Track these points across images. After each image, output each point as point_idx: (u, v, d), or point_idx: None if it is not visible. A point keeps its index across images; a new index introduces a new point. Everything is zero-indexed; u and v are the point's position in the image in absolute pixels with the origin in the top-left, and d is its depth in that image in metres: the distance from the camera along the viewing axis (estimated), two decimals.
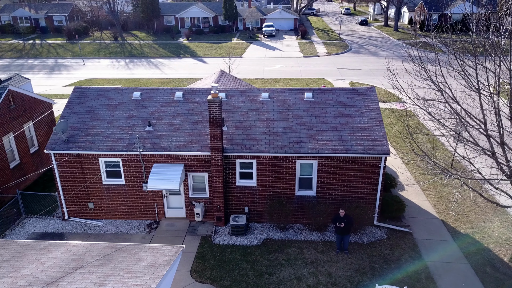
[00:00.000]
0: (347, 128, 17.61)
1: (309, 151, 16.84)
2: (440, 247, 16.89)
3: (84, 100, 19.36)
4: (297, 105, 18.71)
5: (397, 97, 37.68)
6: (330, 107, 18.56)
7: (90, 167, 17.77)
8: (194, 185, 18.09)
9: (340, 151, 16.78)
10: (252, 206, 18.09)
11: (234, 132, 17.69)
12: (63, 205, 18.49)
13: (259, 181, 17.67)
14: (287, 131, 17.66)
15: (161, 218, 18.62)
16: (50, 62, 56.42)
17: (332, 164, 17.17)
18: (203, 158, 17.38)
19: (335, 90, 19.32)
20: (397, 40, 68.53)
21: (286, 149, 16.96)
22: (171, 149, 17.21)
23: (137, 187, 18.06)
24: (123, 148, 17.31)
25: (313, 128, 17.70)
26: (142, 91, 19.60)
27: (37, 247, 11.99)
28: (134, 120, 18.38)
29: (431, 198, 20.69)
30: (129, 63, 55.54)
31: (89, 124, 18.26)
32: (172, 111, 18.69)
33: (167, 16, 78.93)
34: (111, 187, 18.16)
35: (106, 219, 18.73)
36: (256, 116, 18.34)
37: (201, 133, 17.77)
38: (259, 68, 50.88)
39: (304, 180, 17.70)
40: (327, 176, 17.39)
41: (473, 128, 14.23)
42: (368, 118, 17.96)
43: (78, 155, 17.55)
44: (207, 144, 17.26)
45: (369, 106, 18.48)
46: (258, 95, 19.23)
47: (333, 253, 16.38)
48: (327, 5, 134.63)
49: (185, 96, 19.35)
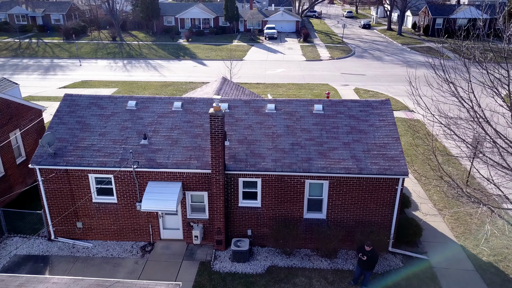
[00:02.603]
0: (360, 145, 16.12)
1: (319, 170, 15.33)
2: (461, 277, 15.40)
3: (74, 109, 17.82)
4: (305, 118, 17.21)
5: (404, 105, 36.25)
6: (341, 121, 17.06)
7: (79, 183, 16.24)
8: (192, 205, 16.57)
9: (354, 171, 15.28)
10: (255, 228, 16.57)
11: (237, 148, 16.18)
12: (49, 224, 16.95)
13: (264, 201, 16.16)
14: (295, 147, 16.15)
15: (156, 239, 17.08)
16: (45, 62, 54.81)
17: (344, 184, 15.67)
18: (203, 176, 15.86)
19: (347, 102, 17.83)
20: (401, 44, 67.16)
21: (294, 168, 15.46)
22: (168, 166, 15.68)
23: (130, 206, 16.53)
24: (115, 163, 15.78)
25: (323, 144, 16.21)
26: (137, 100, 18.07)
27: (12, 285, 10.44)
28: (128, 132, 16.86)
29: (447, 219, 19.22)
30: (127, 64, 53.98)
31: (79, 136, 16.72)
32: (169, 123, 17.18)
33: (167, 16, 77.36)
34: (102, 206, 16.62)
35: (96, 240, 17.17)
36: (261, 130, 16.84)
37: (201, 148, 16.26)
38: (261, 72, 49.40)
39: (313, 202, 16.20)
40: (338, 197, 15.89)
41: (505, 151, 12.73)
42: (384, 134, 16.47)
43: (66, 170, 16.01)
44: (208, 161, 15.74)
45: (384, 120, 16.99)
46: (263, 107, 17.73)
47: (345, 284, 14.86)
48: (329, 7, 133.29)
49: (184, 106, 17.83)
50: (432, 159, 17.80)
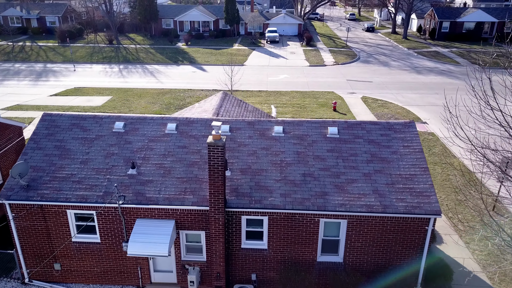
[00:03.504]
0: (383, 177, 13.87)
1: (337, 208, 13.08)
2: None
3: (53, 132, 15.57)
4: (318, 143, 14.97)
5: (416, 116, 34.02)
6: (360, 147, 14.82)
7: (56, 220, 13.97)
8: (187, 245, 14.31)
9: (377, 209, 13.03)
10: (261, 273, 14.31)
11: (240, 179, 13.93)
12: (22, 265, 14.68)
13: (271, 242, 13.90)
14: (308, 178, 13.90)
15: (145, 283, 14.80)
16: (38, 67, 52.52)
17: (365, 224, 13.42)
18: (200, 213, 13.61)
19: (365, 124, 15.58)
20: (407, 49, 64.90)
21: (307, 205, 13.20)
22: (159, 202, 13.43)
23: (115, 246, 14.27)
24: (98, 198, 13.52)
25: (340, 175, 13.96)
26: (126, 121, 15.82)
27: None
28: (114, 159, 14.60)
29: (476, 255, 16.98)
30: (123, 69, 51.70)
31: (57, 164, 14.46)
32: (162, 148, 14.93)
33: (166, 19, 75.02)
34: (83, 246, 14.36)
35: (77, 284, 14.91)
36: (267, 157, 14.60)
37: (197, 179, 14.00)
38: (262, 78, 47.14)
39: (329, 243, 13.95)
40: (358, 238, 13.64)
41: None
42: (410, 164, 14.22)
43: (40, 206, 13.75)
44: (205, 195, 13.50)
45: (410, 147, 14.74)
46: (269, 129, 15.48)
47: None
48: (331, 9, 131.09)
49: (179, 128, 15.58)
50: (461, 189, 15.52)
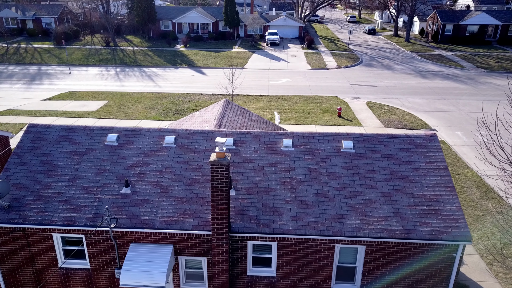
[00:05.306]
0: (405, 197, 12.49)
1: (354, 232, 11.70)
2: None
3: (39, 145, 14.14)
4: (332, 159, 13.58)
5: (424, 122, 32.70)
6: (378, 163, 13.44)
7: (40, 245, 12.55)
8: (187, 272, 12.90)
9: (400, 235, 11.65)
10: None
11: (246, 199, 12.53)
12: None
13: (280, 270, 12.50)
14: (321, 199, 12.52)
15: None
16: (32, 70, 51.01)
17: (386, 250, 12.04)
18: (201, 238, 12.20)
19: (383, 138, 14.21)
20: (411, 52, 63.68)
21: (321, 229, 11.82)
22: (156, 225, 12.02)
23: (107, 272, 12.84)
24: (87, 220, 12.10)
25: (357, 195, 12.58)
26: (119, 133, 14.41)
27: None
28: (106, 176, 13.18)
29: (501, 278, 15.63)
30: (120, 72, 50.26)
31: (42, 182, 13.03)
32: (159, 164, 13.52)
33: (164, 20, 73.62)
34: (71, 272, 12.92)
35: None
36: (275, 174, 13.21)
37: (198, 199, 12.60)
38: (264, 82, 45.77)
39: (344, 270, 12.56)
40: (377, 266, 12.26)
41: None
42: (434, 183, 12.85)
43: (23, 229, 12.32)
44: (207, 218, 12.10)
45: (433, 163, 13.37)
46: (277, 143, 14.09)
47: None
48: (331, 12, 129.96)
49: (178, 141, 14.18)
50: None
